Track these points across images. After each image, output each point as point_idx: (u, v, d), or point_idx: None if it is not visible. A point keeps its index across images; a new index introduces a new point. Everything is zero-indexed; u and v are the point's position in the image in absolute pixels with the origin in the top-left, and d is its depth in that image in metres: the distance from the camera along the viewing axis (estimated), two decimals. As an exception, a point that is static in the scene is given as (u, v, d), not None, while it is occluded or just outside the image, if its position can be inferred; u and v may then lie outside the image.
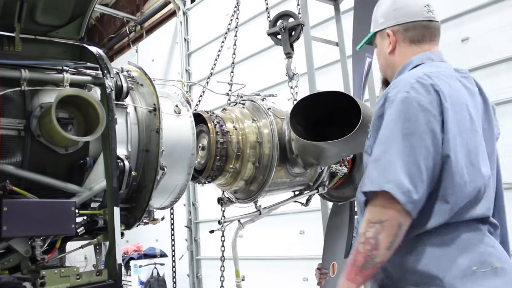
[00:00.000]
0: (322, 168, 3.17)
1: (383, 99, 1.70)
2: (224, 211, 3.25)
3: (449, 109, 1.61)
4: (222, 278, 3.60)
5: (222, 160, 2.78)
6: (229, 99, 3.32)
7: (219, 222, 3.02)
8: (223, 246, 3.58)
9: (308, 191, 3.25)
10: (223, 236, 3.50)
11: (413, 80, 1.66)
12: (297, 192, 3.29)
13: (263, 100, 3.01)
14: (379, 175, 1.57)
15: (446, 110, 1.60)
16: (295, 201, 3.32)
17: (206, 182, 2.91)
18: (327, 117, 2.72)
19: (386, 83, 2.05)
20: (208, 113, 2.86)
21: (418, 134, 1.58)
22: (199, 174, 2.84)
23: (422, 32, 1.87)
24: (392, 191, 1.52)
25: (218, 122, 2.81)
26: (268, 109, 2.91)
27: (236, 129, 2.86)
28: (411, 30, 1.87)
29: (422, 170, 1.55)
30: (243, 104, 3.07)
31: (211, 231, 3.17)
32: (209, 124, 2.77)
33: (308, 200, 3.36)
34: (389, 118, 1.63)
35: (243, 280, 3.13)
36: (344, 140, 2.37)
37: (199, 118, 2.82)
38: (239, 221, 3.06)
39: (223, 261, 3.64)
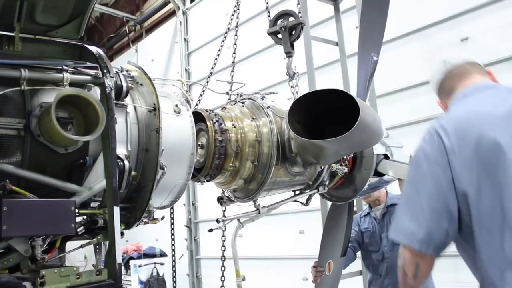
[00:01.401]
0: (322, 167, 3.17)
1: None
2: (224, 210, 3.24)
3: (454, 148, 1.65)
4: (222, 278, 3.60)
5: (220, 158, 2.77)
6: (229, 98, 3.32)
7: (218, 221, 3.01)
8: (223, 245, 3.57)
9: (308, 191, 3.25)
10: (223, 236, 3.49)
11: (426, 132, 1.77)
12: (297, 192, 3.29)
13: (262, 98, 3.00)
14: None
15: (450, 150, 1.66)
16: (295, 201, 3.31)
17: (205, 181, 2.91)
18: (327, 115, 2.71)
19: None
20: (207, 111, 2.86)
21: (421, 181, 1.70)
22: (198, 173, 2.83)
23: (448, 82, 1.99)
24: (399, 240, 1.73)
25: (217, 121, 2.80)
26: (267, 108, 2.91)
27: (235, 128, 2.85)
28: (442, 90, 2.04)
29: (425, 209, 1.66)
30: (243, 103, 3.06)
31: (210, 230, 3.16)
32: (208, 122, 2.77)
33: (308, 200, 3.35)
34: (408, 173, 1.80)
35: (243, 280, 3.12)
36: (341, 139, 2.37)
37: (198, 117, 2.81)
38: (238, 220, 3.05)
39: (224, 260, 3.63)
